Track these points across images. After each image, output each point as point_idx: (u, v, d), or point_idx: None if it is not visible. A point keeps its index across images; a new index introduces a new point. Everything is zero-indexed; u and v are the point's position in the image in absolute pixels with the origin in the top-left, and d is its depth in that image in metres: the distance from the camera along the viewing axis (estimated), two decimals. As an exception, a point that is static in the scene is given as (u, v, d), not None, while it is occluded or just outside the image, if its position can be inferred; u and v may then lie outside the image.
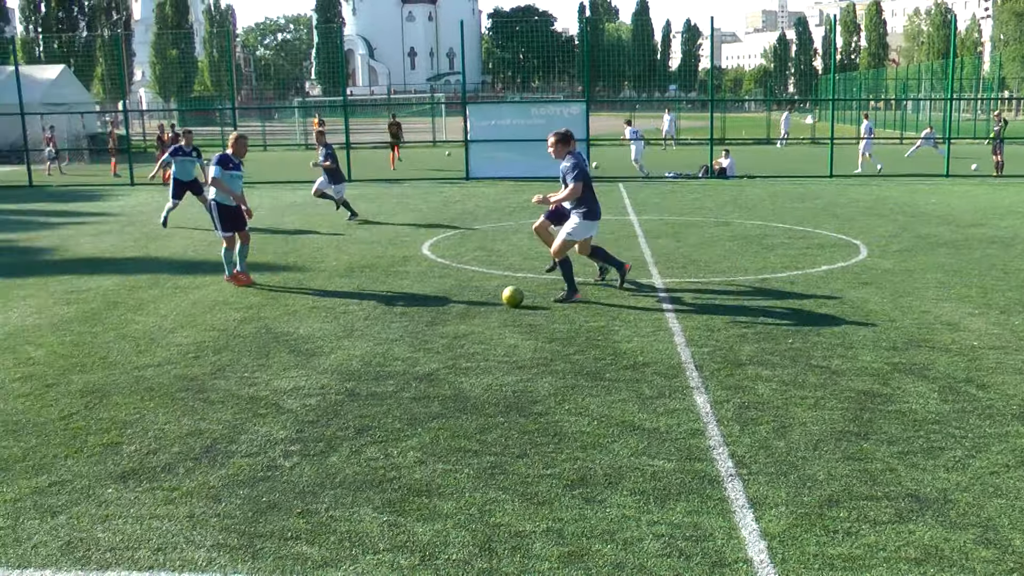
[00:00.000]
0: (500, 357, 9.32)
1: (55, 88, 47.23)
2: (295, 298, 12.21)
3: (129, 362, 9.59)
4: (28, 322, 11.63)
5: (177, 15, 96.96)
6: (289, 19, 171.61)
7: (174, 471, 6.70)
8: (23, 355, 10.09)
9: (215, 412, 7.91)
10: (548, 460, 6.68)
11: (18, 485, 6.63)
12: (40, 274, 14.85)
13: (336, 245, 16.66)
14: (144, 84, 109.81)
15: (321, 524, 5.76)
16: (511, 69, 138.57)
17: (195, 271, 14.16)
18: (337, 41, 59.39)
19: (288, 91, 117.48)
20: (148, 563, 5.39)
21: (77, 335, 10.86)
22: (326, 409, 7.89)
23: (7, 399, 8.59)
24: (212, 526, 5.79)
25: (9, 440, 7.53)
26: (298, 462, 6.75)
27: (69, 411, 8.16)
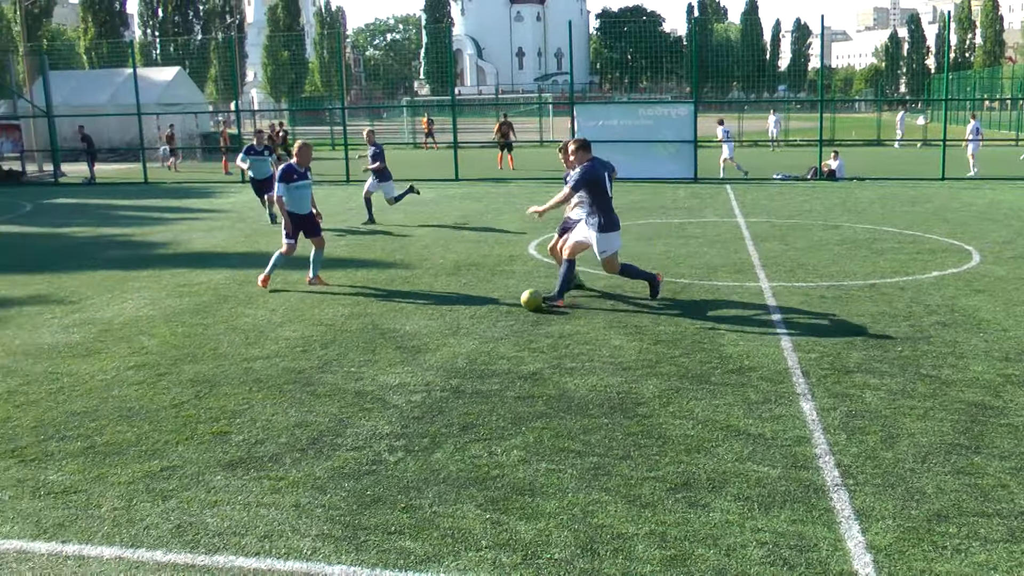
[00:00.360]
0: (605, 358, 9.29)
1: (170, 89, 48.63)
2: (402, 295, 12.34)
3: (238, 354, 9.81)
4: (142, 313, 11.97)
5: (289, 17, 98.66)
6: (398, 19, 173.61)
7: (281, 461, 6.83)
8: (137, 345, 10.40)
9: (322, 405, 8.04)
10: (652, 463, 6.64)
11: (131, 469, 6.84)
12: (154, 267, 15.26)
13: (443, 243, 16.79)
14: (256, 85, 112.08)
15: (424, 520, 5.81)
16: (619, 70, 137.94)
17: (304, 267, 14.39)
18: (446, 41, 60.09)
19: (397, 91, 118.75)
20: (255, 549, 5.51)
21: (188, 326, 11.14)
22: (431, 406, 7.96)
23: (122, 386, 8.87)
24: (317, 516, 5.89)
25: (123, 425, 7.78)
26: (403, 457, 6.82)
27: (180, 399, 8.39)
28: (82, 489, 6.54)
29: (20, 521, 6.09)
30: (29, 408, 8.39)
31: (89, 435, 7.61)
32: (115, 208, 25.85)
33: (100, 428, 7.76)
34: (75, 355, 10.12)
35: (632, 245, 16.03)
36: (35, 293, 13.67)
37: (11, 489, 6.61)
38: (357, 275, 13.87)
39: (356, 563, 5.32)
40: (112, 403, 8.39)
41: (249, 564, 5.35)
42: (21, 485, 6.67)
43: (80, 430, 7.74)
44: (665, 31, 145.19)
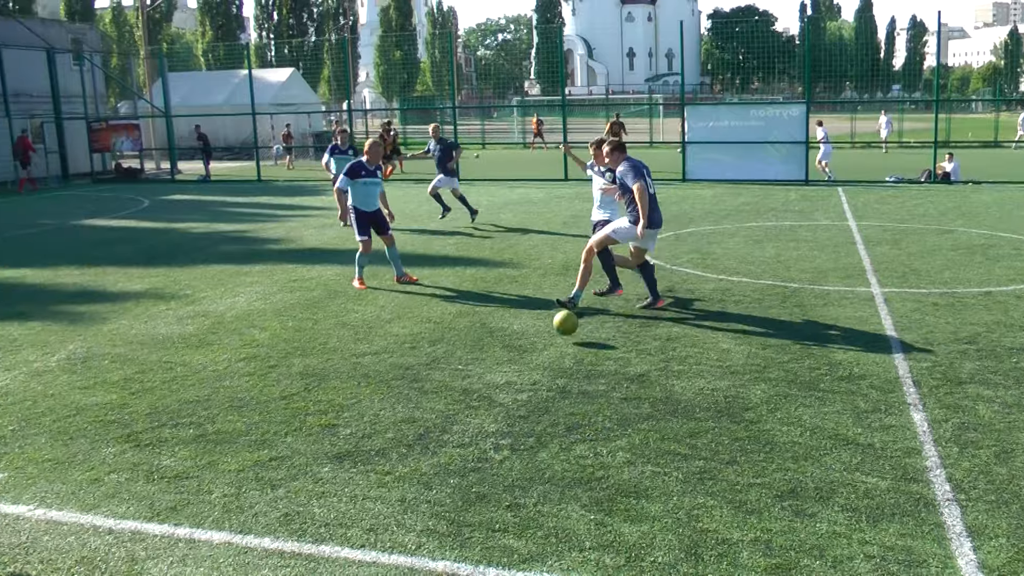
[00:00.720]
0: (712, 361, 9.19)
1: (284, 90, 49.66)
2: (510, 294, 12.38)
3: (347, 349, 9.95)
4: (254, 307, 12.23)
5: (401, 18, 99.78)
6: (510, 20, 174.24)
7: (388, 456, 6.91)
8: (249, 337, 10.64)
9: (429, 402, 8.12)
10: (758, 469, 6.54)
11: (242, 457, 7.00)
12: (266, 263, 15.58)
13: (551, 243, 16.80)
14: (368, 85, 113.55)
15: (529, 518, 5.82)
16: (730, 70, 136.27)
17: (413, 264, 14.53)
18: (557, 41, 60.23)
19: (507, 90, 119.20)
20: (360, 541, 5.59)
21: (299, 321, 11.35)
22: (537, 405, 7.97)
23: (233, 377, 9.08)
24: (422, 512, 5.94)
25: (234, 415, 7.97)
26: (508, 456, 6.85)
27: (290, 392, 8.55)
28: (194, 475, 6.72)
29: (135, 503, 6.29)
30: (144, 395, 8.65)
31: (201, 423, 7.81)
32: (229, 205, 26.45)
33: (212, 417, 7.95)
34: (189, 346, 10.40)
35: (742, 248, 15.84)
36: (151, 286, 14.07)
37: (127, 472, 6.83)
38: (465, 273, 13.96)
39: (460, 559, 5.36)
40: (223, 393, 8.60)
41: (354, 555, 5.43)
42: (136, 469, 6.88)
43: (193, 418, 7.95)
44: (777, 31, 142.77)
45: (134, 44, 68.60)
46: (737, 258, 14.92)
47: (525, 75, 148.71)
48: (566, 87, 41.04)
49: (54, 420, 8.11)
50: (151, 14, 63.28)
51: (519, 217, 20.81)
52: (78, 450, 7.37)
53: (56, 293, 13.99)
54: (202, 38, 74.04)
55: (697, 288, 12.63)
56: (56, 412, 8.33)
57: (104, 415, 8.16)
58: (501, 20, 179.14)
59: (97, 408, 8.37)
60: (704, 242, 16.75)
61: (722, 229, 18.53)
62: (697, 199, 24.31)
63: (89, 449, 7.38)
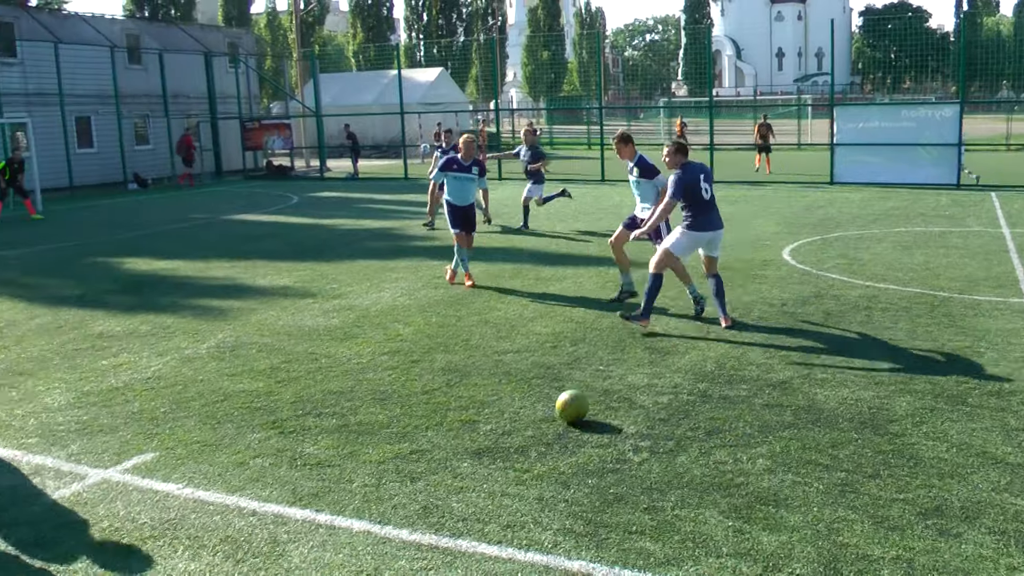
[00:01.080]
0: (857, 370, 8.94)
1: (433, 89, 50.38)
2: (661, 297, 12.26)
3: (489, 346, 10.02)
4: (398, 302, 12.42)
5: (549, 19, 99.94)
6: (658, 20, 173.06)
7: (527, 454, 6.93)
8: (392, 332, 10.80)
9: (568, 401, 8.09)
10: (902, 484, 6.32)
11: (382, 449, 7.11)
12: (411, 259, 15.81)
13: (693, 246, 16.60)
14: (515, 85, 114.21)
15: (666, 522, 5.75)
16: (881, 69, 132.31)
17: (557, 264, 14.56)
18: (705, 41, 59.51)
19: (654, 91, 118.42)
20: (497, 538, 5.61)
21: (442, 317, 11.47)
22: (677, 408, 7.88)
23: (376, 370, 9.23)
24: (560, 511, 5.93)
25: (376, 407, 8.10)
26: (647, 458, 6.78)
27: (431, 387, 8.64)
28: (335, 464, 6.85)
29: (278, 487, 6.46)
30: (290, 384, 8.87)
31: (344, 414, 7.97)
32: (376, 202, 26.94)
33: (354, 408, 8.10)
34: (334, 338, 10.62)
35: (889, 254, 15.37)
36: (298, 279, 14.43)
37: (271, 457, 7.02)
38: (608, 274, 13.90)
39: (596, 560, 5.33)
40: (366, 385, 8.75)
41: (491, 551, 5.45)
42: (280, 455, 7.06)
43: (336, 408, 8.12)
44: (931, 27, 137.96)
45: (287, 47, 70.43)
46: (884, 264, 14.48)
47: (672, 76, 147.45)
48: (713, 88, 40.52)
49: (203, 405, 8.39)
50: (304, 18, 64.94)
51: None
52: (225, 434, 7.61)
53: (207, 284, 14.47)
54: (353, 40, 75.50)
55: (843, 295, 12.30)
56: (205, 397, 8.61)
57: (250, 402, 8.40)
58: (649, 21, 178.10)
59: (244, 395, 8.62)
60: (851, 247, 16.32)
61: (869, 234, 18.02)
62: (845, 203, 23.70)
63: (235, 434, 7.61)
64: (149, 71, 37.57)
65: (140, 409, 8.39)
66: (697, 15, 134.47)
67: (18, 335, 11.51)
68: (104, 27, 37.02)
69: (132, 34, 38.66)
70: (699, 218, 10.60)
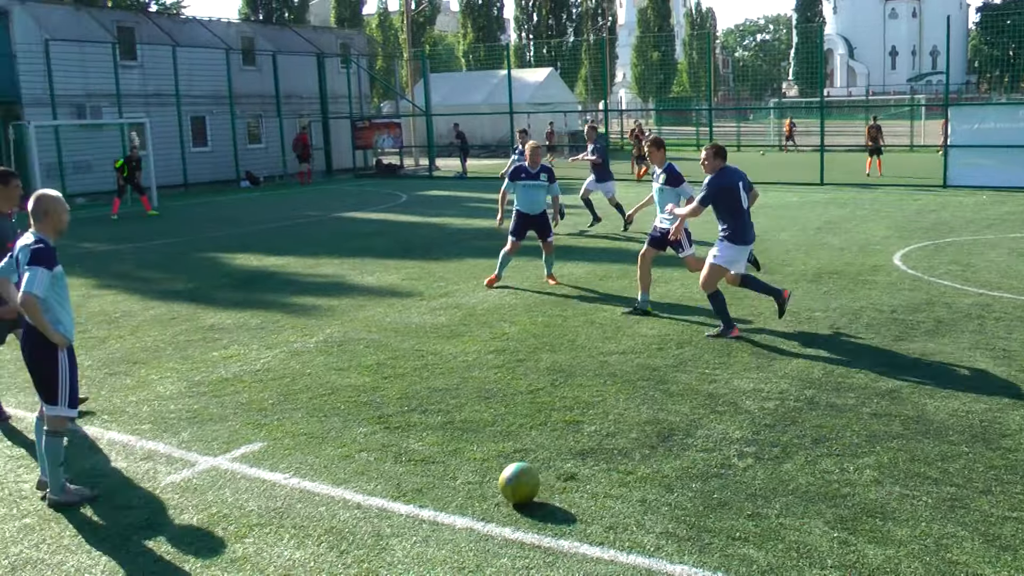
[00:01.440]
0: (968, 381, 8.68)
1: (542, 89, 50.52)
2: (759, 300, 12.10)
3: (595, 347, 10.00)
4: (505, 301, 12.48)
5: (659, 19, 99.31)
6: (769, 19, 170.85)
7: (630, 456, 6.90)
8: (499, 331, 10.86)
9: (674, 404, 8.05)
10: (1015, 501, 6.10)
11: (486, 447, 7.16)
12: (518, 258, 15.82)
13: (804, 249, 16.34)
14: (624, 85, 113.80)
15: (770, 530, 5.68)
16: (999, 67, 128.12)
17: (664, 265, 14.45)
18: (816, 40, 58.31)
19: (764, 92, 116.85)
20: (599, 539, 5.60)
21: (548, 317, 11.49)
22: (784, 415, 7.76)
23: (481, 368, 9.29)
24: (663, 514, 5.90)
25: (481, 405, 8.15)
26: (752, 464, 6.70)
27: (536, 386, 8.67)
28: (440, 460, 6.92)
29: (383, 481, 6.55)
30: (396, 380, 8.98)
31: (449, 411, 8.04)
32: (484, 201, 27.06)
33: (459, 405, 8.16)
34: (440, 336, 10.71)
35: (1004, 260, 14.90)
36: (406, 277, 14.59)
37: (376, 452, 7.12)
38: (713, 277, 13.74)
39: (698, 565, 5.29)
40: (472, 383, 8.81)
41: (593, 552, 5.45)
42: (385, 450, 7.16)
43: (441, 405, 8.19)
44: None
45: (398, 47, 71.23)
46: (999, 271, 14.04)
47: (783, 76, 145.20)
48: (824, 88, 39.84)
49: (310, 397, 8.54)
50: (415, 18, 65.64)
51: (772, 221, 20.33)
52: (331, 427, 7.74)
53: (316, 280, 14.73)
54: (463, 40, 76.07)
55: (955, 302, 11.97)
56: (312, 390, 8.77)
57: (357, 396, 8.53)
58: (760, 20, 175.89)
59: (351, 389, 8.75)
60: (964, 253, 15.87)
61: (984, 240, 17.50)
62: (958, 207, 23.06)
63: (342, 427, 7.73)
64: (263, 72, 38.40)
65: (249, 400, 8.58)
66: (809, 13, 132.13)
67: (133, 325, 11.87)
68: (220, 30, 37.98)
69: (247, 36, 39.57)
70: (739, 229, 10.33)
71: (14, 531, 6.12)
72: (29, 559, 5.72)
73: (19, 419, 8.34)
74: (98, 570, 5.54)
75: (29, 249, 6.22)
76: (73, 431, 7.39)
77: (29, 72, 30.67)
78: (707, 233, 13.81)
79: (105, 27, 33.63)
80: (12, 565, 5.65)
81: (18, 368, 8.93)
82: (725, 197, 10.26)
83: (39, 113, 30.10)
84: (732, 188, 10.25)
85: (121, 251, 19.07)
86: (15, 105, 30.76)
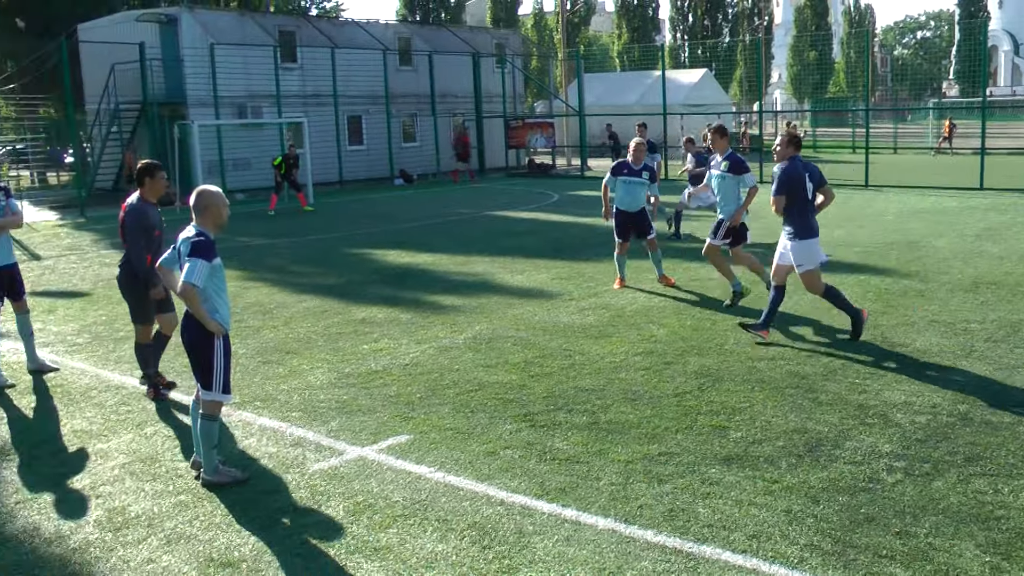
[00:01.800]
0: None
1: (696, 91, 50.08)
2: (914, 309, 11.78)
3: (744, 352, 9.89)
4: (654, 303, 12.45)
5: (816, 17, 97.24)
6: (930, 15, 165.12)
7: (776, 464, 6.82)
8: (647, 332, 10.84)
9: (822, 413, 7.90)
10: None
11: (631, 449, 7.17)
12: (667, 260, 15.73)
13: (962, 257, 15.79)
14: (780, 86, 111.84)
15: (918, 549, 5.52)
16: None
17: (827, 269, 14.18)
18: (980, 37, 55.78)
19: (923, 92, 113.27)
20: (742, 547, 5.55)
21: (697, 320, 11.41)
22: (936, 430, 7.53)
23: (629, 370, 9.30)
24: (808, 526, 5.81)
25: (627, 407, 8.16)
26: (901, 479, 6.53)
27: (683, 389, 8.63)
28: (584, 460, 6.96)
29: (527, 479, 6.63)
30: (543, 379, 9.06)
31: (594, 411, 8.07)
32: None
33: (605, 406, 8.19)
34: (588, 336, 10.75)
35: None
36: (556, 276, 14.68)
37: (521, 449, 7.20)
38: (869, 284, 13.42)
39: (843, 578, 5.20)
40: (618, 384, 8.82)
41: (735, 560, 5.41)
42: (530, 447, 7.24)
43: (587, 405, 8.23)
44: None
45: (553, 47, 71.56)
46: None
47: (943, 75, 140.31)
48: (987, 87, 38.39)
49: (457, 393, 8.69)
50: (570, 18, 65.73)
51: (928, 227, 19.71)
52: (477, 423, 7.86)
53: (467, 278, 14.94)
54: (618, 40, 75.92)
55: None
56: (459, 386, 8.92)
57: (503, 393, 8.64)
58: (921, 16, 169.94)
59: (497, 386, 8.87)
60: None
61: None
62: None
63: (487, 423, 7.85)
64: (418, 72, 39.08)
65: (397, 393, 8.79)
66: (972, 8, 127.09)
67: (286, 316, 12.27)
68: (378, 32, 38.83)
69: (404, 37, 40.33)
70: (806, 224, 10.14)
71: (169, 507, 6.44)
72: (183, 534, 6.01)
73: (177, 401, 8.73)
74: (246, 549, 5.77)
75: (190, 241, 6.55)
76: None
77: (195, 75, 32.00)
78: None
79: (267, 31, 34.79)
80: (167, 538, 5.95)
81: (176, 353, 9.34)
82: (794, 187, 10.05)
83: (202, 113, 31.40)
84: (800, 179, 10.07)
85: (276, 245, 19.70)
86: (181, 106, 32.14)
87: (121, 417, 8.47)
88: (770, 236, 13.67)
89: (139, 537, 5.99)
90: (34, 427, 8.31)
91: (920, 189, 28.66)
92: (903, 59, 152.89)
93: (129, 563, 5.66)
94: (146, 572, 5.55)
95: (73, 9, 39.06)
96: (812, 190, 10.18)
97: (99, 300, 14.05)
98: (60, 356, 10.73)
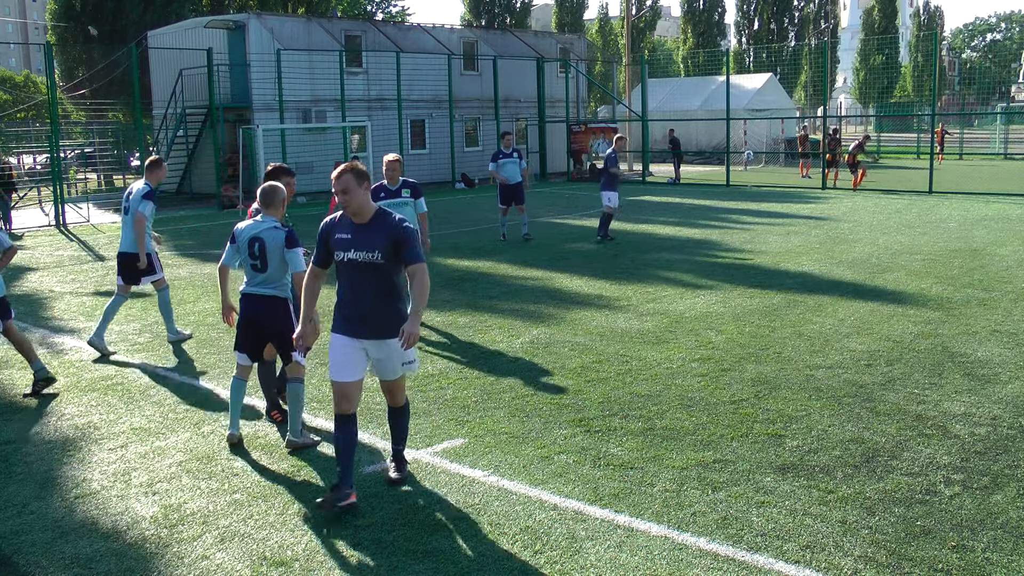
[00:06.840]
0: None
1: (760, 95, 49.71)
2: (976, 318, 11.60)
3: (801, 360, 9.81)
4: (712, 309, 12.38)
5: (884, 20, 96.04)
6: (1001, 17, 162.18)
7: (832, 474, 6.76)
8: (704, 339, 10.79)
9: (880, 423, 7.82)
10: None
11: (686, 455, 7.15)
12: (728, 266, 15.69)
13: (1029, 267, 15.52)
14: (845, 90, 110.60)
15: (975, 564, 5.44)
16: None
17: (876, 278, 14.04)
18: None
19: (991, 96, 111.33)
20: (795, 557, 5.52)
21: (755, 327, 11.33)
22: (996, 442, 7.41)
23: (685, 376, 9.26)
24: (863, 537, 5.76)
25: (682, 413, 8.14)
26: (959, 492, 6.44)
27: (740, 397, 8.58)
28: (638, 466, 6.95)
29: (580, 484, 6.64)
30: (598, 384, 9.06)
31: (650, 417, 8.06)
32: (695, 208, 26.89)
33: (661, 412, 8.17)
34: (645, 342, 10.73)
35: None
36: (614, 281, 14.66)
37: (575, 455, 7.21)
38: (931, 292, 13.24)
39: (897, 590, 5.15)
40: (674, 391, 8.80)
41: (788, 570, 5.37)
42: (584, 453, 7.25)
43: (642, 411, 8.22)
44: None
45: (618, 52, 71.41)
46: None
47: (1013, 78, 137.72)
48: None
49: (512, 397, 8.72)
50: (636, 23, 65.59)
51: (993, 235, 19.37)
52: (532, 427, 7.89)
53: (525, 283, 14.96)
54: (683, 45, 75.58)
55: None
56: (515, 390, 8.95)
57: (559, 398, 8.66)
58: (991, 18, 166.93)
59: (553, 391, 8.89)
60: None
61: None
62: None
63: (542, 428, 7.87)
64: (482, 76, 39.20)
65: (452, 396, 8.84)
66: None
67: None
68: (443, 36, 39.03)
69: (469, 42, 40.49)
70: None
71: (224, 505, 6.54)
72: (237, 532, 6.10)
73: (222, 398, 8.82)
74: (298, 549, 5.85)
75: (283, 234, 7.56)
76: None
77: (261, 80, 32.41)
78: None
79: (333, 36, 35.11)
80: (221, 536, 6.04)
81: (200, 345, 9.43)
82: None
83: (267, 117, 31.78)
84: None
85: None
86: (246, 110, 32.57)
87: (179, 416, 8.62)
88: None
89: (194, 534, 6.10)
90: (95, 423, 8.48)
91: (985, 196, 28.19)
92: (971, 62, 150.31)
93: (183, 559, 5.76)
94: (200, 569, 5.64)
95: (143, 16, 39.81)
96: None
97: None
98: (122, 355, 10.93)
